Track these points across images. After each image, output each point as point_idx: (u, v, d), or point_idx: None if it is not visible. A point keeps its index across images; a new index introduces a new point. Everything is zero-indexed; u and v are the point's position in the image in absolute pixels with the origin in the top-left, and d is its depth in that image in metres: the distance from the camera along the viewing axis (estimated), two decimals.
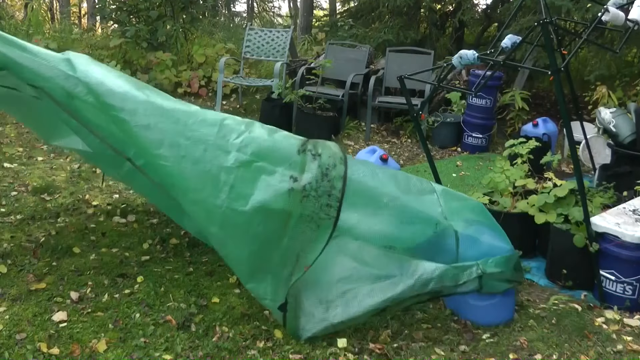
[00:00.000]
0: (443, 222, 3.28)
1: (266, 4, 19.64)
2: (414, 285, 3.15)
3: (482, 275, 3.24)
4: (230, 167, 3.01)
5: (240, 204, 2.99)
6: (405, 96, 4.41)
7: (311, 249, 3.03)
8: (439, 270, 3.18)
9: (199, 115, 3.15)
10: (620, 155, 5.23)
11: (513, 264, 3.35)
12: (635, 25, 3.82)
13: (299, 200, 3.00)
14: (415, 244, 3.26)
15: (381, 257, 3.23)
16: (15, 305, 3.32)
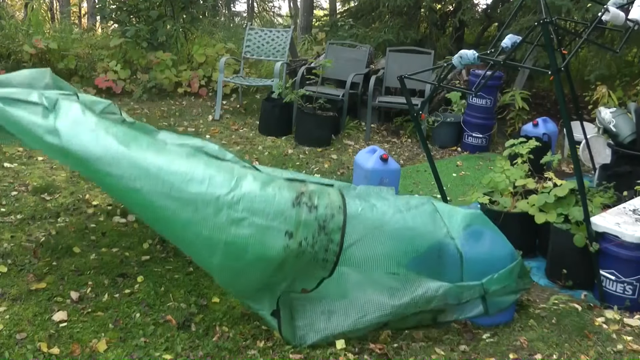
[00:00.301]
0: (448, 242, 3.26)
1: (266, 4, 19.64)
2: (417, 302, 3.17)
3: (486, 294, 3.26)
4: (222, 225, 2.95)
5: (234, 261, 3.01)
6: (406, 96, 4.41)
7: (308, 281, 3.10)
8: (442, 289, 3.20)
9: (186, 174, 3.04)
10: (620, 155, 5.23)
11: (517, 273, 3.35)
12: (635, 25, 3.82)
13: (295, 256, 2.97)
14: (419, 269, 3.26)
15: (385, 281, 3.25)
16: (16, 305, 3.32)
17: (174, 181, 2.99)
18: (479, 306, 3.30)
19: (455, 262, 3.27)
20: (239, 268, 3.03)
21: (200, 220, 2.96)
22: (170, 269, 3.84)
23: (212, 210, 2.94)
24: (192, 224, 2.98)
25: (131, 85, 8.38)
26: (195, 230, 2.99)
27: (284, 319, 3.14)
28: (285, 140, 7.00)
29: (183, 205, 2.97)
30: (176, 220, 3.01)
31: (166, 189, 2.99)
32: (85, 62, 8.50)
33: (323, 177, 5.96)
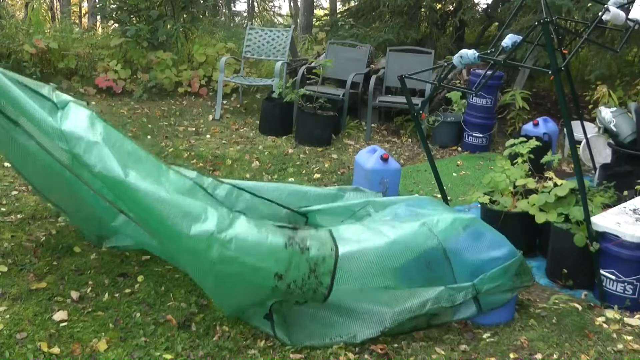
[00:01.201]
0: (438, 254, 3.31)
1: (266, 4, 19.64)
2: (411, 307, 3.19)
3: (479, 295, 3.28)
4: (213, 262, 2.98)
5: (224, 294, 3.17)
6: (406, 96, 4.41)
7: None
8: (435, 292, 3.23)
9: (182, 207, 3.05)
10: (620, 154, 5.23)
11: (513, 271, 3.35)
12: (635, 25, 3.81)
13: (282, 295, 3.07)
14: (410, 281, 3.29)
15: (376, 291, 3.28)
16: (16, 304, 3.32)
17: (169, 213, 2.99)
18: (472, 306, 3.31)
19: (445, 267, 3.32)
20: (229, 295, 3.17)
21: (192, 252, 3.02)
22: (171, 268, 3.84)
23: (204, 246, 2.97)
24: (185, 252, 3.09)
25: (131, 84, 8.37)
26: (189, 258, 3.12)
27: (277, 321, 3.17)
28: (285, 139, 7.00)
29: (177, 239, 3.01)
30: (171, 245, 3.17)
31: (162, 219, 3.00)
32: (86, 61, 8.49)
33: (323, 176, 5.96)
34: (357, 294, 3.24)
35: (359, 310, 3.22)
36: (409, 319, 3.20)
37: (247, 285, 3.06)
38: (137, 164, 3.19)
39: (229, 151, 6.48)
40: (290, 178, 5.82)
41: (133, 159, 3.22)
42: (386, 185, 4.95)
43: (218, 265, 2.98)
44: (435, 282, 3.29)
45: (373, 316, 3.20)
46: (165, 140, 6.68)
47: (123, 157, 3.14)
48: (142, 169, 3.17)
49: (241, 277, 3.02)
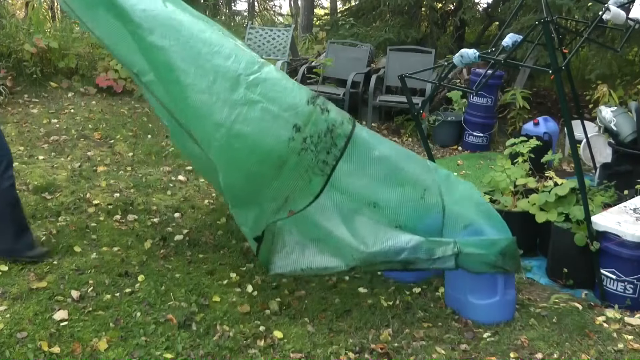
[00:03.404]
0: (433, 191, 3.29)
1: (267, 3, 19.61)
2: (387, 252, 3.15)
3: (459, 254, 3.21)
4: (236, 102, 2.97)
5: (238, 141, 3.00)
6: (406, 95, 4.42)
7: (300, 197, 3.05)
8: (413, 242, 3.17)
9: (214, 46, 3.07)
10: (621, 154, 5.23)
11: (499, 249, 3.29)
12: (636, 24, 3.81)
13: (297, 152, 2.98)
14: (399, 207, 3.26)
15: (359, 222, 3.22)
16: (16, 304, 3.32)
17: (202, 49, 3.02)
18: (452, 261, 3.24)
19: (437, 211, 3.28)
20: (239, 152, 3.02)
21: (216, 92, 2.98)
22: (171, 268, 3.84)
23: (230, 85, 2.97)
24: (207, 94, 3.00)
25: (132, 84, 8.36)
26: (208, 101, 3.00)
27: (265, 243, 3.15)
28: None
29: (204, 74, 2.99)
30: (192, 87, 3.02)
31: (192, 54, 3.01)
32: (86, 61, 8.48)
33: None
34: (338, 224, 3.19)
35: (335, 239, 3.17)
36: (383, 262, 3.19)
37: (264, 136, 2.99)
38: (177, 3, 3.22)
39: None
40: None
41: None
42: None
43: (239, 109, 2.95)
44: (423, 219, 3.26)
45: (346, 251, 3.15)
46: (166, 139, 6.67)
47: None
48: (182, 8, 3.21)
49: (259, 125, 2.97)
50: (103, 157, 5.87)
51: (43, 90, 7.82)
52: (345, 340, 3.18)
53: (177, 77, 3.04)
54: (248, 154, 3.02)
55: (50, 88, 7.98)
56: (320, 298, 3.62)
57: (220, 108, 2.98)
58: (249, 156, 3.03)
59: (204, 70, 3.01)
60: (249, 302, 3.50)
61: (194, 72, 3.02)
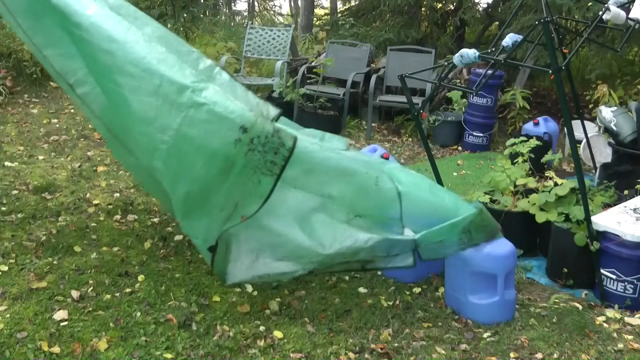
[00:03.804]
0: (385, 178, 3.27)
1: (267, 3, 19.61)
2: (344, 252, 3.14)
3: (418, 247, 3.21)
4: (182, 105, 2.95)
5: (186, 143, 2.97)
6: (406, 95, 4.41)
7: (250, 201, 3.00)
8: (371, 241, 3.16)
9: (159, 53, 3.09)
10: (621, 154, 5.23)
11: (460, 229, 3.26)
12: (636, 24, 3.81)
13: (244, 153, 2.92)
14: (355, 195, 3.24)
15: (317, 222, 3.19)
16: (16, 303, 3.32)
17: (148, 54, 3.04)
18: (410, 258, 3.24)
19: (393, 197, 3.25)
20: (187, 155, 2.99)
21: (162, 94, 2.97)
22: (171, 268, 3.84)
23: (176, 89, 2.96)
24: (154, 97, 2.99)
25: None
26: (154, 104, 2.99)
27: (219, 254, 3.10)
28: None
29: (150, 77, 2.99)
30: (139, 90, 3.03)
31: (138, 58, 3.02)
32: None
33: None
34: (298, 216, 3.18)
35: (291, 242, 3.16)
36: (340, 262, 3.17)
37: (211, 137, 2.95)
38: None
39: None
40: None
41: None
42: None
43: (185, 110, 2.93)
44: (381, 205, 3.25)
45: (303, 254, 3.14)
46: None
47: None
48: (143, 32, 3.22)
49: (206, 127, 2.95)
50: (103, 157, 5.87)
51: (43, 90, 7.83)
52: (345, 340, 3.18)
53: (123, 81, 3.04)
54: (196, 156, 2.99)
55: (50, 88, 7.98)
56: (320, 298, 3.62)
57: (168, 111, 2.97)
58: (197, 158, 3.00)
59: (150, 74, 3.01)
60: (249, 302, 3.50)
61: (141, 74, 3.02)
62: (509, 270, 3.44)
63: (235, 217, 3.04)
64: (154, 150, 3.03)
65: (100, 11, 3.18)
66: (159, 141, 3.00)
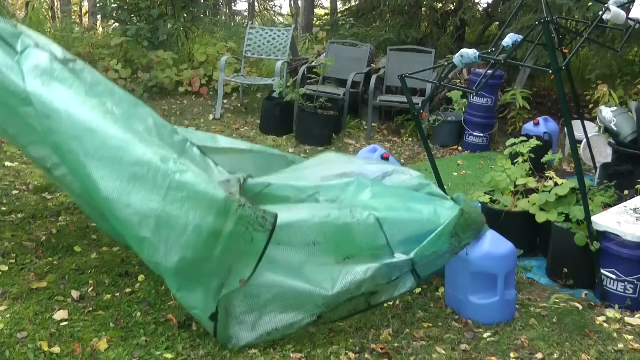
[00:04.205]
0: (357, 208, 3.31)
1: (267, 3, 19.61)
2: (348, 288, 3.15)
3: (415, 266, 3.25)
4: (167, 172, 2.94)
5: (175, 207, 2.91)
6: (406, 95, 4.41)
7: (245, 262, 2.92)
8: (370, 270, 3.18)
9: (134, 136, 3.14)
10: (621, 154, 5.23)
11: (447, 234, 3.31)
12: (636, 24, 3.81)
13: (235, 209, 2.87)
14: (337, 235, 3.23)
15: (310, 271, 3.17)
16: (16, 303, 3.32)
17: (123, 139, 3.07)
18: (410, 279, 3.28)
19: (373, 224, 3.28)
20: (176, 225, 2.91)
21: (142, 176, 2.96)
22: None
23: (159, 158, 3.00)
24: (133, 180, 2.97)
25: (132, 84, 8.37)
26: (139, 171, 2.98)
27: (220, 320, 3.01)
28: (285, 139, 7.00)
29: (130, 158, 3.00)
30: (117, 173, 3.00)
31: (113, 144, 3.04)
32: (86, 61, 8.45)
33: None
34: (291, 269, 3.15)
35: (292, 292, 3.11)
36: (346, 300, 3.16)
37: (200, 194, 2.91)
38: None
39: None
40: None
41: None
42: None
43: (171, 176, 2.92)
44: (365, 238, 3.26)
45: (307, 300, 3.11)
46: None
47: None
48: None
49: (195, 186, 2.93)
50: None
51: None
52: (345, 340, 3.18)
53: (97, 165, 3.03)
54: (186, 218, 2.90)
55: None
56: None
57: (154, 177, 2.96)
58: (188, 221, 2.90)
59: (128, 155, 3.02)
60: None
61: (117, 158, 3.03)
62: (509, 270, 3.43)
63: (231, 283, 2.96)
64: (141, 219, 2.95)
65: (72, 99, 3.20)
66: (147, 209, 2.94)
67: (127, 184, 2.96)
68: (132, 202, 2.94)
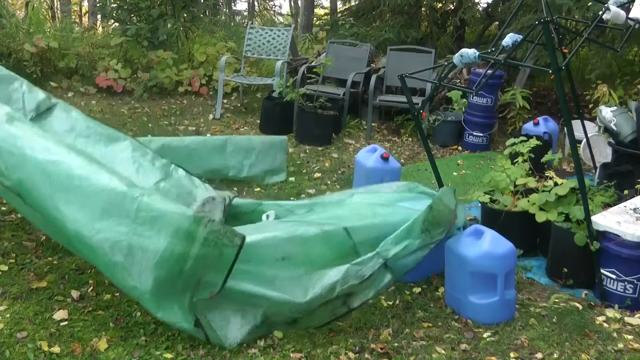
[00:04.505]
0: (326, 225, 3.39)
1: (267, 3, 19.62)
2: (321, 293, 3.16)
3: (387, 261, 3.26)
4: (133, 196, 2.99)
5: (145, 228, 2.95)
6: (406, 95, 4.41)
7: (214, 275, 2.95)
8: (341, 272, 3.20)
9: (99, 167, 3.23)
10: (621, 154, 5.23)
11: (418, 229, 3.34)
12: (636, 24, 3.82)
13: (203, 225, 2.90)
14: (306, 246, 3.27)
15: (281, 284, 3.16)
16: (17, 303, 3.32)
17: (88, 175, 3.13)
18: (387, 275, 3.28)
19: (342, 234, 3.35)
20: (148, 241, 2.93)
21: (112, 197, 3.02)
22: None
23: (130, 200, 3.02)
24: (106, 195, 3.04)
25: (132, 84, 8.38)
26: (108, 197, 3.05)
27: (206, 325, 3.04)
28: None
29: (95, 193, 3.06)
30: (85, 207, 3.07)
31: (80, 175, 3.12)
32: (86, 61, 8.50)
33: (324, 176, 5.95)
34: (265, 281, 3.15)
35: (267, 301, 3.13)
36: (322, 305, 3.15)
37: (169, 210, 2.98)
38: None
39: None
40: (290, 177, 5.81)
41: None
42: None
43: (140, 198, 2.98)
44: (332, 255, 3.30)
45: (282, 309, 3.13)
46: None
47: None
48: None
49: (165, 204, 3.01)
50: None
51: (43, 89, 7.82)
52: (345, 340, 3.18)
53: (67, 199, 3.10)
54: (157, 237, 2.94)
55: (50, 88, 7.99)
56: None
57: (121, 202, 3.01)
58: (159, 240, 2.94)
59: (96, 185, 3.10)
60: None
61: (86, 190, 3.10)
62: (509, 270, 3.44)
63: (200, 293, 2.99)
64: (113, 245, 2.98)
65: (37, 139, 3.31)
66: (117, 233, 2.97)
67: (96, 212, 3.02)
68: (102, 228, 2.98)
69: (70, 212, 3.04)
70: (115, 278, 3.07)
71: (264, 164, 5.63)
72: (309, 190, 5.46)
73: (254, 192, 5.37)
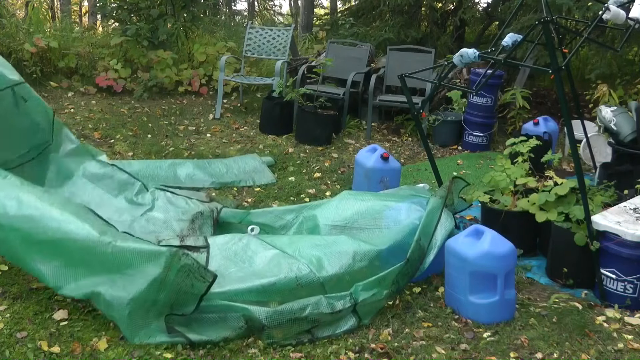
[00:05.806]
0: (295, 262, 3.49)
1: (267, 3, 19.63)
2: (291, 308, 3.18)
3: (357, 305, 3.34)
4: (105, 242, 3.15)
5: (123, 267, 3.11)
6: (406, 95, 4.41)
7: (186, 301, 3.11)
8: (314, 298, 3.26)
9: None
10: (621, 153, 5.23)
11: (390, 280, 3.49)
12: (636, 24, 3.82)
13: (178, 258, 3.06)
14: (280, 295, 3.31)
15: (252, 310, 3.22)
16: (16, 303, 3.32)
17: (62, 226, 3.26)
18: (352, 318, 3.33)
19: (316, 284, 3.41)
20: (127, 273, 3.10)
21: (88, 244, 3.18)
22: None
23: (99, 231, 3.22)
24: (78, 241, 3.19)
25: (132, 84, 8.38)
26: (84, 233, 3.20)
27: (183, 330, 3.11)
28: (285, 139, 7.00)
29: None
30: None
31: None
32: (86, 60, 8.50)
33: (324, 176, 5.95)
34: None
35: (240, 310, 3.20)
36: (290, 321, 3.16)
37: (144, 248, 3.13)
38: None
39: (229, 150, 6.48)
40: (290, 177, 5.81)
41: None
42: (386, 184, 4.95)
43: (113, 242, 3.13)
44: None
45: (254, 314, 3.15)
46: (166, 139, 6.68)
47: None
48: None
49: (139, 244, 3.17)
50: None
51: (43, 89, 7.83)
52: (345, 340, 3.19)
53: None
54: (137, 263, 3.11)
55: (50, 88, 7.98)
56: None
57: (98, 238, 3.17)
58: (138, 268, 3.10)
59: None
60: None
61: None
62: (509, 270, 3.44)
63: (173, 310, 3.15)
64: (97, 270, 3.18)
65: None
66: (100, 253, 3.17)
67: (73, 262, 3.20)
68: (79, 277, 3.19)
69: (43, 267, 3.22)
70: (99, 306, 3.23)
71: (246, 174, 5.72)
72: (309, 190, 5.46)
73: (254, 192, 5.37)
